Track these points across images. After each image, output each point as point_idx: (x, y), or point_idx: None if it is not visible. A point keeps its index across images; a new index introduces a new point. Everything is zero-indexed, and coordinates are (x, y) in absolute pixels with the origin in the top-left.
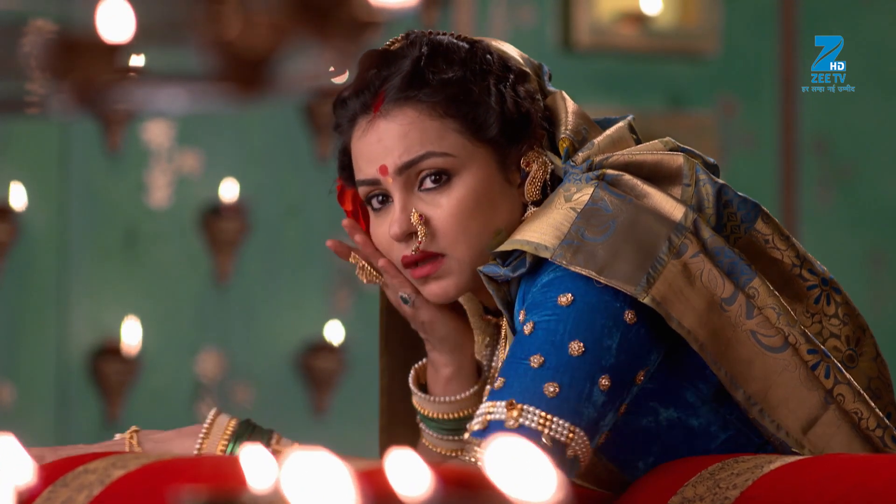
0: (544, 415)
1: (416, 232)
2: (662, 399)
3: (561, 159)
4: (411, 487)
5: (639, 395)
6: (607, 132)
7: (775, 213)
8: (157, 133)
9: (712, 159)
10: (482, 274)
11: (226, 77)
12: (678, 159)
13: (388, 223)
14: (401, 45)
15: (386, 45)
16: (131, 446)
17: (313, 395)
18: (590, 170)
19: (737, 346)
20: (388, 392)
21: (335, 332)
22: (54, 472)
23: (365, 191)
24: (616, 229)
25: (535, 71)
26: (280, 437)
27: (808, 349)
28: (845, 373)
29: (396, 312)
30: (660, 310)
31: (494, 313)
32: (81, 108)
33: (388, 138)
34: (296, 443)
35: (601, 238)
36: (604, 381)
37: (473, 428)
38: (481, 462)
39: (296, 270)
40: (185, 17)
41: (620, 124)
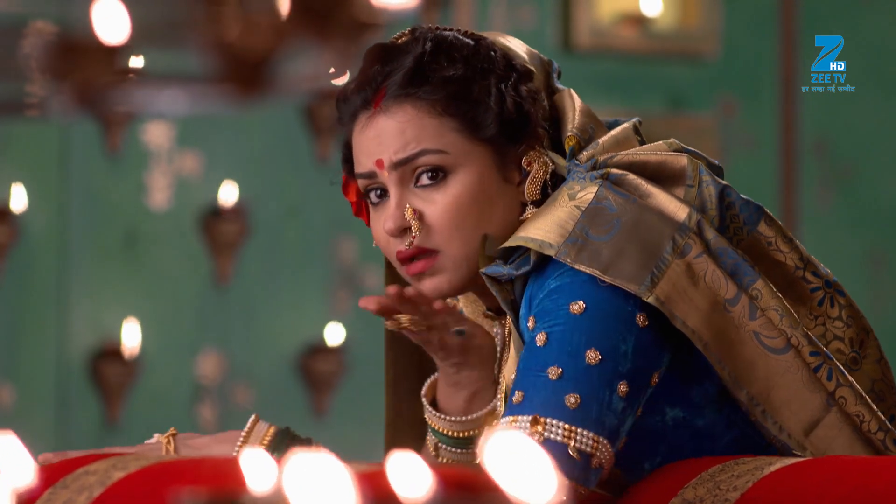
0: (568, 427)
1: (411, 227)
2: (669, 399)
3: (564, 158)
4: (412, 489)
5: (647, 396)
6: (612, 132)
7: (775, 213)
8: (157, 134)
9: (717, 161)
10: (485, 276)
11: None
12: (682, 160)
13: (384, 218)
14: (405, 41)
15: (393, 38)
16: (168, 450)
17: (313, 396)
18: (594, 168)
19: (740, 347)
20: (393, 406)
21: (335, 334)
22: (55, 473)
23: (363, 184)
24: (620, 229)
25: (543, 67)
26: (319, 445)
27: (810, 351)
28: (848, 375)
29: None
30: (664, 309)
31: (496, 311)
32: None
33: (386, 134)
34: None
35: (605, 237)
36: (622, 388)
37: None
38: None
39: (296, 272)
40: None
41: (626, 125)
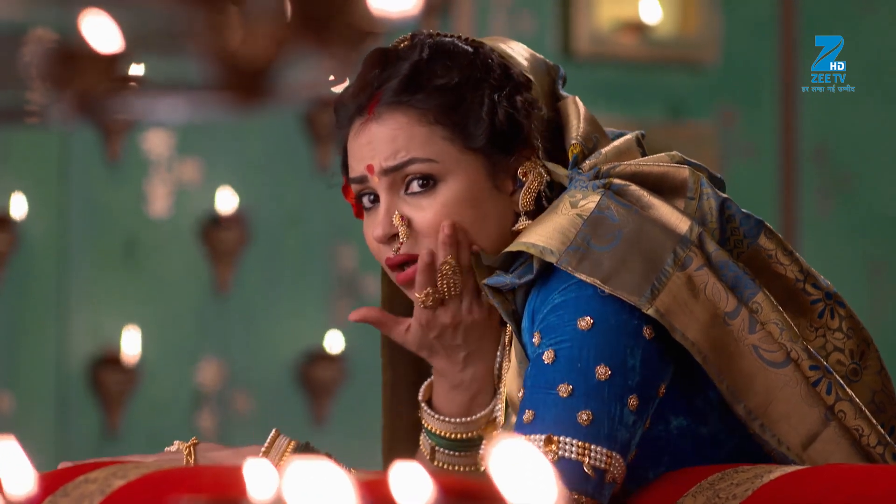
0: (582, 444)
1: (398, 233)
2: (674, 407)
3: (565, 167)
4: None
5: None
6: (615, 143)
7: (775, 222)
8: (156, 142)
9: (719, 174)
10: (487, 287)
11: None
12: (683, 172)
13: (374, 225)
14: (404, 47)
15: (393, 44)
16: (188, 462)
17: (313, 404)
18: (596, 177)
19: (739, 360)
20: (391, 407)
21: (335, 341)
22: (55, 481)
23: (356, 189)
24: (622, 239)
25: (549, 74)
26: (337, 461)
27: (810, 365)
28: (847, 389)
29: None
30: (663, 321)
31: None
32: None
33: (378, 141)
34: (352, 468)
35: (607, 247)
36: (632, 401)
37: None
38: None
39: (296, 279)
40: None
41: (629, 136)
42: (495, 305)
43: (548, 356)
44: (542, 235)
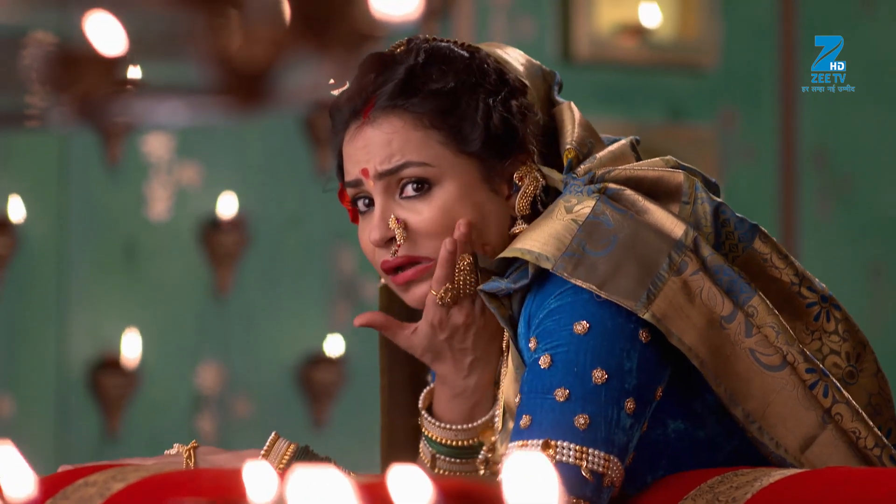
0: (579, 448)
1: (395, 236)
2: (671, 411)
3: (560, 172)
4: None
5: (652, 410)
6: (610, 148)
7: (775, 224)
8: (156, 146)
9: (713, 178)
10: (483, 293)
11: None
12: (678, 176)
13: (369, 229)
14: (400, 52)
15: (389, 48)
16: (188, 465)
17: (313, 407)
18: (591, 182)
19: (735, 364)
20: (389, 411)
21: (335, 345)
22: (55, 484)
23: (352, 192)
24: (617, 245)
25: (545, 80)
26: (337, 464)
27: (806, 368)
28: (844, 392)
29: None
30: (660, 326)
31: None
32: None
33: (373, 145)
34: (352, 471)
35: (602, 252)
36: (629, 405)
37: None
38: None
39: (296, 283)
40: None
41: (623, 142)
42: (491, 310)
43: (544, 361)
44: (538, 241)
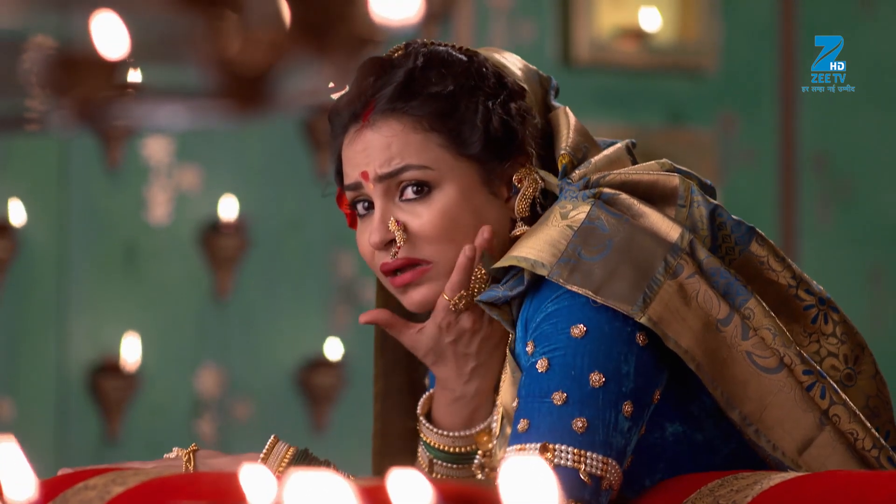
0: (577, 451)
1: (395, 239)
2: (669, 414)
3: (556, 176)
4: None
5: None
6: (605, 152)
7: (775, 229)
8: (156, 149)
9: (709, 181)
10: (482, 304)
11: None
12: (674, 180)
13: (369, 231)
14: (399, 55)
15: (388, 53)
16: (187, 468)
17: (312, 410)
18: (586, 187)
19: (732, 367)
20: (383, 417)
21: (334, 348)
22: (55, 488)
23: (351, 196)
24: (613, 249)
25: (541, 85)
26: (336, 467)
27: (803, 370)
28: (841, 393)
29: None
30: (656, 329)
31: None
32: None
33: (372, 148)
34: (352, 475)
35: (598, 257)
36: (627, 408)
37: None
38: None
39: (295, 286)
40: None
41: (619, 145)
42: (494, 317)
43: (541, 365)
44: (533, 248)
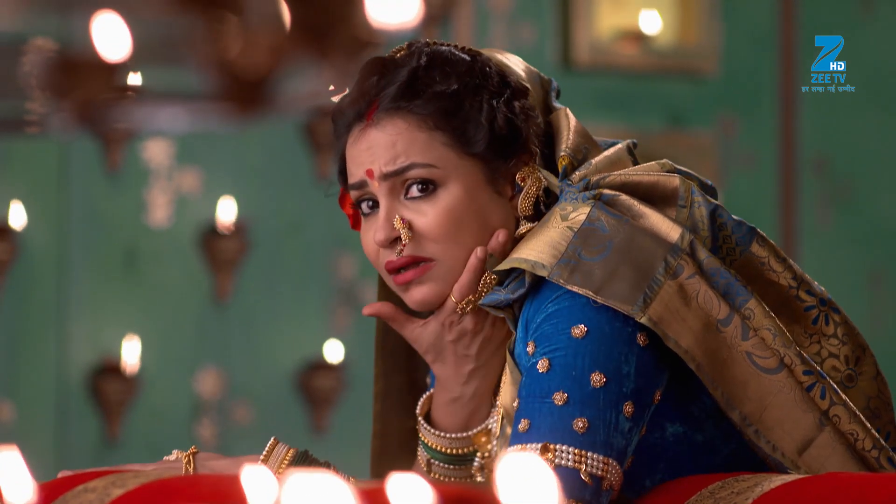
0: (578, 451)
1: (400, 236)
2: (669, 414)
3: (558, 176)
4: None
5: (650, 414)
6: (606, 152)
7: (775, 231)
8: (156, 152)
9: (710, 181)
10: (485, 308)
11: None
12: (674, 181)
13: (374, 229)
14: (402, 55)
15: (390, 53)
16: (187, 471)
17: (313, 413)
18: (586, 189)
19: (732, 367)
20: (382, 417)
21: (335, 351)
22: (54, 490)
23: (355, 195)
24: (613, 250)
25: (542, 86)
26: (336, 469)
27: (803, 370)
28: (841, 394)
29: (393, 335)
30: (657, 330)
31: None
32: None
33: (377, 146)
34: (352, 477)
35: (598, 258)
36: (628, 408)
37: None
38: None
39: (296, 289)
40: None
41: (620, 146)
42: (501, 316)
43: (542, 365)
44: (534, 250)
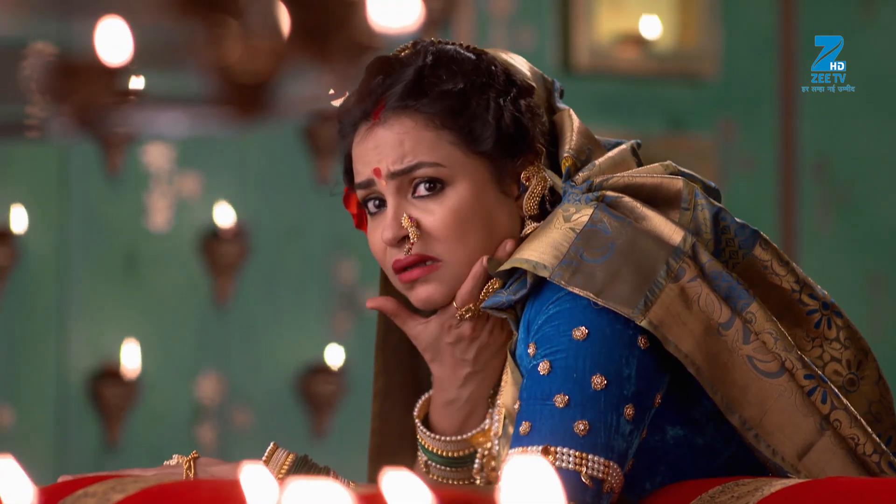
0: (579, 454)
1: (408, 235)
2: (670, 417)
3: (562, 177)
4: None
5: (651, 416)
6: (609, 154)
7: (775, 235)
8: (157, 156)
9: (713, 183)
10: (487, 310)
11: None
12: (678, 183)
13: (382, 228)
14: (407, 54)
15: (395, 52)
16: (188, 476)
17: (313, 417)
18: (589, 190)
19: (733, 371)
20: (381, 416)
21: (335, 355)
22: (55, 495)
23: (362, 194)
24: (615, 252)
25: (545, 86)
26: (336, 474)
27: (804, 374)
28: (842, 398)
29: (395, 333)
30: (657, 333)
31: None
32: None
33: (384, 145)
34: (352, 481)
35: (600, 260)
36: (628, 411)
37: None
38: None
39: (296, 293)
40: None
41: (623, 147)
42: (503, 318)
43: (543, 367)
44: (536, 251)
